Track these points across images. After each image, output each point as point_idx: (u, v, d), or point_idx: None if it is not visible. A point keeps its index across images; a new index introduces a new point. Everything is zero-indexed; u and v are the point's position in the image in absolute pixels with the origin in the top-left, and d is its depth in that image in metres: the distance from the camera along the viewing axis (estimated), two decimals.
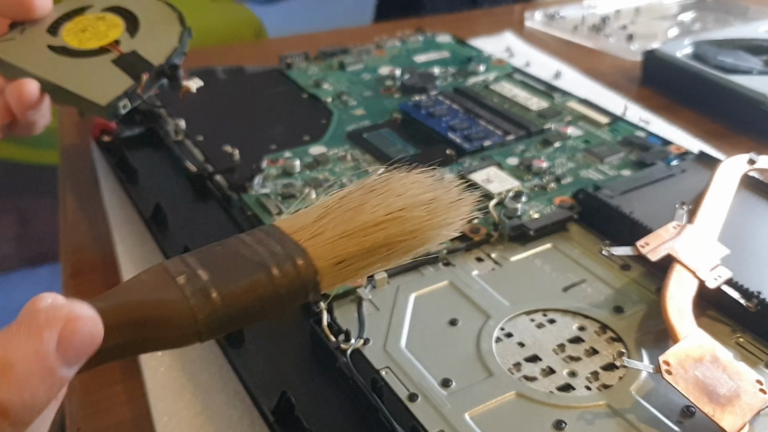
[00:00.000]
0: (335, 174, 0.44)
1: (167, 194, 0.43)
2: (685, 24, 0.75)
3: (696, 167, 0.42)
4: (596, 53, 0.70)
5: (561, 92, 0.54)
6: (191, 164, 0.44)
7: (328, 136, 0.49)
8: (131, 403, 0.32)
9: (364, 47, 0.62)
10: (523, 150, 0.46)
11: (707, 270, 0.32)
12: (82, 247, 0.43)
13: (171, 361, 0.33)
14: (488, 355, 0.30)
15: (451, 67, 0.59)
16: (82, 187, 0.49)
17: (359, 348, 0.31)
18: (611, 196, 0.39)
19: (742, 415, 0.26)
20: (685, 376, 0.27)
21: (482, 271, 0.36)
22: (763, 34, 0.63)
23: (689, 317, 0.30)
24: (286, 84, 0.57)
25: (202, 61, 0.62)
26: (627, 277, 0.35)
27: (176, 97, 0.39)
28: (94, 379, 0.34)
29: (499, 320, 0.32)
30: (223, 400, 0.31)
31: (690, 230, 0.34)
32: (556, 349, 0.31)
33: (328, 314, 0.32)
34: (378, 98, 0.54)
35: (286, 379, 0.30)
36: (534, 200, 0.40)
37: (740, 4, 0.79)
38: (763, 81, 0.54)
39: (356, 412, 0.28)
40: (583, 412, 0.28)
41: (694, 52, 0.60)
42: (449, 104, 0.52)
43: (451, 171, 0.44)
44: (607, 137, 0.47)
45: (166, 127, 0.49)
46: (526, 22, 0.77)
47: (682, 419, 0.27)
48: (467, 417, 0.27)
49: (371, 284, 0.34)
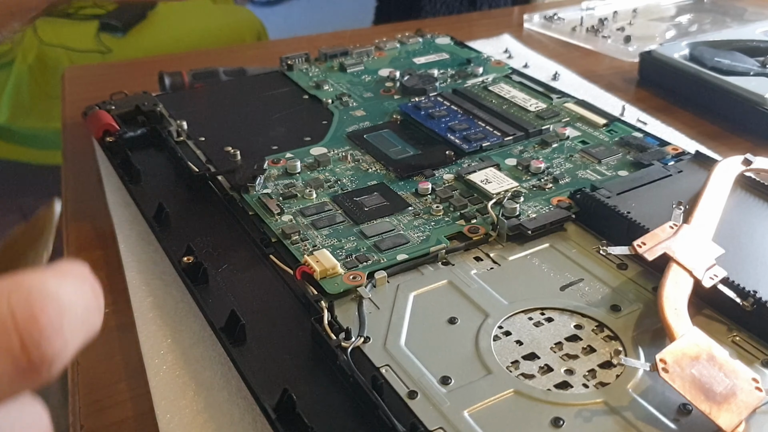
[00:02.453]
0: (336, 174, 0.44)
1: (170, 194, 0.43)
2: (683, 25, 0.75)
3: (692, 168, 0.42)
4: (594, 55, 0.70)
5: (559, 93, 0.54)
6: (193, 165, 0.45)
7: (329, 137, 0.49)
8: (134, 401, 0.33)
9: (365, 49, 0.62)
10: (521, 151, 0.47)
11: (703, 269, 0.33)
12: (85, 246, 0.43)
13: (174, 360, 0.34)
14: (487, 353, 0.31)
15: (450, 68, 0.60)
16: (85, 188, 0.49)
17: (359, 346, 0.31)
18: (608, 196, 0.39)
19: (738, 413, 0.26)
20: (682, 374, 0.27)
21: (481, 270, 0.36)
22: (759, 35, 0.63)
23: (685, 316, 0.30)
24: (287, 85, 0.58)
25: (204, 62, 0.63)
26: (624, 276, 0.35)
27: (179, 98, 0.40)
28: (97, 376, 0.34)
29: (498, 319, 0.33)
30: (225, 397, 0.31)
31: (686, 230, 0.35)
32: (554, 348, 0.31)
33: (329, 313, 0.32)
34: (378, 99, 0.55)
35: (287, 376, 0.30)
36: (532, 200, 0.41)
37: (737, 5, 0.79)
38: (760, 82, 0.54)
39: (357, 409, 0.28)
40: (581, 409, 0.28)
41: (691, 53, 0.61)
42: (448, 105, 0.52)
43: (450, 171, 0.44)
44: (605, 138, 0.48)
45: (169, 128, 0.50)
46: (524, 24, 0.77)
47: (678, 417, 0.27)
48: (466, 414, 0.28)
49: (371, 283, 0.35)
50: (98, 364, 0.35)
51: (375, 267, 0.35)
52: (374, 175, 0.44)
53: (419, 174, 0.44)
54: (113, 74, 0.71)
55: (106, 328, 0.37)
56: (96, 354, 0.35)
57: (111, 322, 0.37)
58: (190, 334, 0.35)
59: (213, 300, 0.34)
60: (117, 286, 0.39)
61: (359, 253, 0.37)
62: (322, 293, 0.34)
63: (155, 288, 0.38)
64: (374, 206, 0.41)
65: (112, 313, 0.38)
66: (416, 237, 0.38)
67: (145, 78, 0.61)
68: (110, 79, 0.68)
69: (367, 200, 0.41)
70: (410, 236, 0.38)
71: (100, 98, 0.53)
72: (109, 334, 0.36)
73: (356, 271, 0.35)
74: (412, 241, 0.38)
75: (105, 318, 0.39)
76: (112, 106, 0.52)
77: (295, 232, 0.38)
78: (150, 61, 0.75)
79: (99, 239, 0.44)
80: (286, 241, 0.38)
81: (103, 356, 0.35)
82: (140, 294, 0.38)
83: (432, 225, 0.39)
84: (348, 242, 0.38)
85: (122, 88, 0.54)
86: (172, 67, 0.60)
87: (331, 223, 0.39)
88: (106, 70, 0.75)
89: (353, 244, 0.38)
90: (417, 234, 0.38)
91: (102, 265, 0.41)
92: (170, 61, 0.69)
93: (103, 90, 0.55)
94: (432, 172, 0.44)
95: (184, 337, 0.35)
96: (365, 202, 0.41)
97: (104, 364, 0.35)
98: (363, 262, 0.36)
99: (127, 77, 0.68)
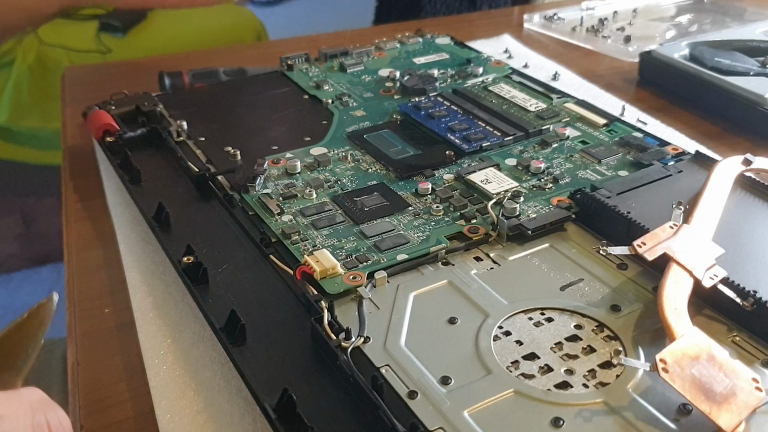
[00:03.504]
0: (336, 174, 0.44)
1: (170, 194, 0.43)
2: (682, 26, 0.75)
3: (692, 168, 0.42)
4: (594, 55, 0.70)
5: (559, 93, 0.54)
6: (193, 165, 0.45)
7: (329, 137, 0.49)
8: (134, 401, 0.33)
9: (365, 49, 0.62)
10: (521, 151, 0.47)
11: (703, 269, 0.32)
12: (85, 246, 0.43)
13: (174, 360, 0.34)
14: (487, 353, 0.31)
15: (450, 68, 0.60)
16: (85, 188, 0.49)
17: (359, 346, 0.31)
18: (608, 196, 0.39)
19: (738, 413, 0.26)
20: (682, 374, 0.27)
21: (481, 270, 0.36)
22: (759, 35, 0.63)
23: (685, 316, 0.30)
24: (287, 85, 0.58)
25: (204, 62, 0.63)
26: (624, 276, 0.35)
27: (179, 98, 0.40)
28: (97, 376, 0.34)
29: (498, 319, 0.33)
30: (225, 398, 0.32)
31: (686, 230, 0.35)
32: (554, 348, 0.31)
33: (329, 313, 0.32)
34: (378, 99, 0.55)
35: (287, 377, 0.30)
36: (532, 200, 0.41)
37: (737, 5, 0.79)
38: (760, 82, 0.54)
39: (357, 409, 0.28)
40: (581, 409, 0.28)
41: (691, 53, 0.61)
42: (448, 105, 0.52)
43: (450, 171, 0.44)
44: (605, 138, 0.48)
45: (169, 128, 0.50)
46: (524, 24, 0.77)
47: (678, 417, 0.27)
48: (466, 414, 0.28)
49: (371, 283, 0.35)
50: (98, 364, 0.35)
51: (375, 267, 0.35)
52: (374, 175, 0.44)
53: (419, 174, 0.44)
54: (113, 74, 0.71)
55: (106, 327, 0.37)
56: (96, 354, 0.35)
57: (111, 322, 0.37)
58: (190, 334, 0.35)
59: (213, 300, 0.34)
60: (117, 286, 0.39)
61: (359, 253, 0.37)
62: (322, 293, 0.34)
63: (155, 288, 0.38)
64: (374, 206, 0.41)
65: (112, 313, 0.38)
66: (416, 237, 0.38)
67: (145, 78, 0.61)
68: (110, 79, 0.68)
69: (367, 200, 0.41)
70: (410, 236, 0.38)
71: (100, 98, 0.53)
72: (109, 334, 0.36)
73: (356, 271, 0.35)
74: (412, 241, 0.38)
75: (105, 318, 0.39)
76: (112, 106, 0.52)
77: (295, 232, 0.38)
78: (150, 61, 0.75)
79: (99, 239, 0.44)
80: (286, 241, 0.38)
81: (103, 356, 0.35)
82: (140, 294, 0.38)
83: (432, 225, 0.39)
84: (348, 242, 0.38)
85: (122, 88, 0.54)
86: (172, 67, 0.60)
87: (331, 223, 0.39)
88: (106, 70, 0.75)
89: (353, 244, 0.38)
90: (417, 234, 0.38)
91: (102, 265, 0.41)
92: (170, 61, 0.69)
93: (103, 90, 0.55)
94: (432, 172, 0.44)
95: (184, 337, 0.35)
96: (365, 202, 0.41)
97: (104, 364, 0.35)
98: (363, 262, 0.36)
99: (127, 77, 0.68)
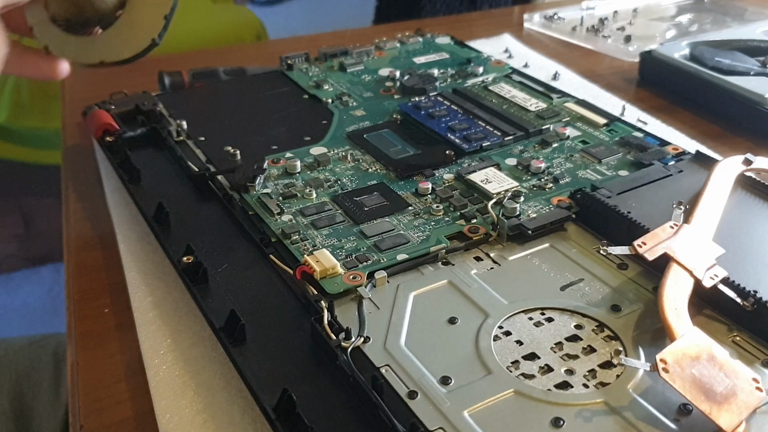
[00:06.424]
0: (336, 174, 0.44)
1: (169, 194, 0.43)
2: (683, 25, 0.75)
3: (693, 167, 0.42)
4: (594, 54, 0.70)
5: (559, 93, 0.54)
6: (193, 165, 0.45)
7: (329, 136, 0.49)
8: (134, 401, 0.33)
9: (365, 49, 0.62)
10: (521, 150, 0.47)
11: (704, 269, 0.32)
12: (85, 246, 0.43)
13: (173, 360, 0.34)
14: (487, 353, 0.31)
15: (450, 68, 0.60)
16: (85, 187, 0.49)
17: (359, 346, 0.31)
18: (609, 196, 0.39)
19: (738, 413, 0.26)
20: (682, 374, 0.27)
21: (481, 270, 0.36)
22: (760, 35, 0.63)
23: (686, 316, 0.30)
24: (287, 85, 0.58)
25: (204, 62, 0.63)
26: (624, 276, 0.35)
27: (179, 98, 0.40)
28: (97, 376, 0.34)
29: (498, 319, 0.33)
30: (225, 397, 0.31)
31: (687, 230, 0.35)
32: (554, 348, 0.31)
33: (329, 313, 0.32)
34: (378, 99, 0.55)
35: (287, 377, 0.30)
36: (532, 200, 0.41)
37: (737, 5, 0.79)
38: (760, 82, 0.54)
39: (357, 409, 0.28)
40: (581, 409, 0.28)
41: (692, 53, 0.61)
42: (448, 105, 0.52)
43: (450, 171, 0.44)
44: (605, 138, 0.48)
45: (169, 127, 0.50)
46: (524, 24, 0.77)
47: (679, 417, 0.27)
48: (466, 414, 0.28)
49: (371, 283, 0.35)
50: (98, 364, 0.35)
51: (375, 267, 0.35)
52: (374, 174, 0.44)
53: (419, 174, 0.44)
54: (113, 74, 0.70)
55: (105, 327, 0.37)
56: (96, 354, 0.35)
57: (111, 322, 0.37)
58: (190, 334, 0.35)
59: (213, 300, 0.34)
60: (117, 286, 0.39)
61: (359, 253, 0.37)
62: (322, 293, 0.34)
63: (155, 288, 0.38)
64: (374, 206, 0.41)
65: (112, 313, 0.38)
66: (416, 237, 0.38)
67: (145, 78, 0.61)
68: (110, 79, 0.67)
69: (367, 200, 0.41)
70: (410, 236, 0.38)
71: (100, 98, 0.53)
72: (109, 334, 0.36)
73: (356, 271, 0.35)
74: (412, 241, 0.38)
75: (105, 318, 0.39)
76: (111, 105, 0.52)
77: (295, 232, 0.38)
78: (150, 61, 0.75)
79: (99, 239, 0.44)
80: (286, 240, 0.38)
81: (103, 356, 0.35)
82: (140, 294, 0.38)
83: (432, 225, 0.39)
84: (348, 242, 0.38)
85: (122, 88, 0.54)
86: (172, 67, 0.60)
87: (331, 223, 0.39)
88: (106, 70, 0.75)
89: (353, 244, 0.38)
90: (417, 234, 0.38)
91: (102, 265, 0.41)
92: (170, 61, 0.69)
93: (103, 90, 0.55)
94: (432, 172, 0.44)
95: (184, 337, 0.35)
96: (365, 202, 0.41)
97: (104, 364, 0.35)
98: (363, 262, 0.36)
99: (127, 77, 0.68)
